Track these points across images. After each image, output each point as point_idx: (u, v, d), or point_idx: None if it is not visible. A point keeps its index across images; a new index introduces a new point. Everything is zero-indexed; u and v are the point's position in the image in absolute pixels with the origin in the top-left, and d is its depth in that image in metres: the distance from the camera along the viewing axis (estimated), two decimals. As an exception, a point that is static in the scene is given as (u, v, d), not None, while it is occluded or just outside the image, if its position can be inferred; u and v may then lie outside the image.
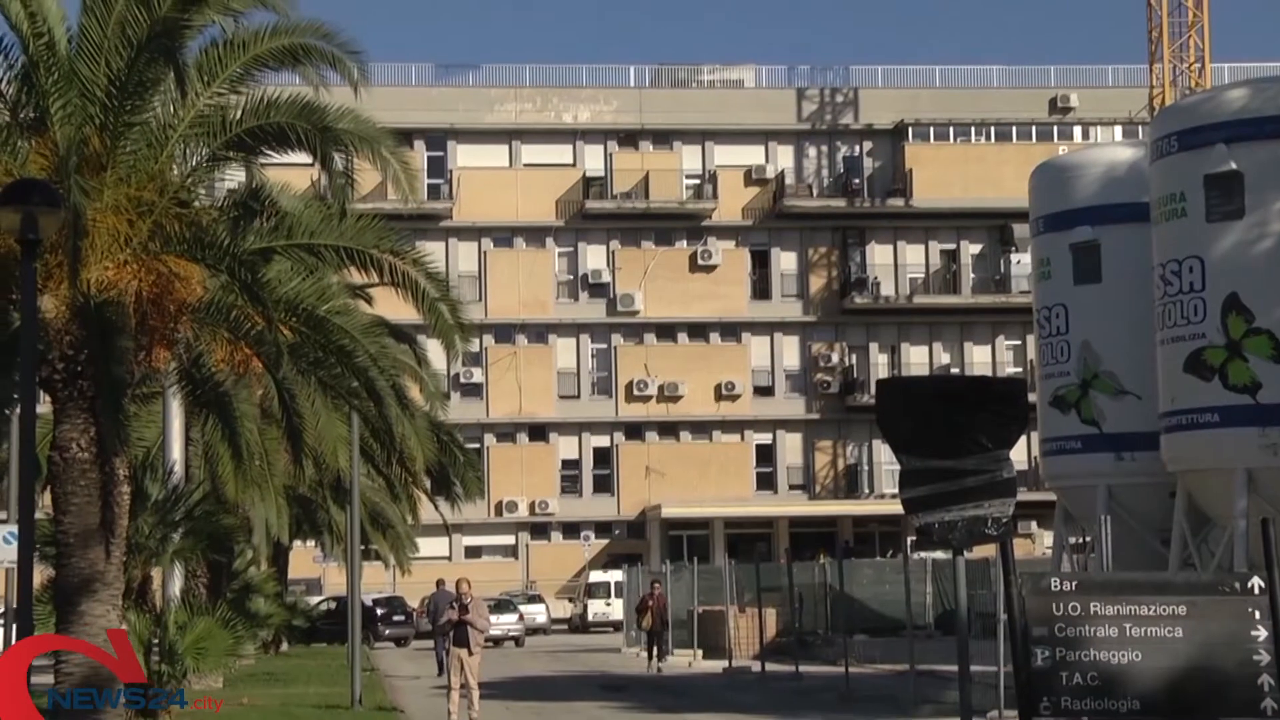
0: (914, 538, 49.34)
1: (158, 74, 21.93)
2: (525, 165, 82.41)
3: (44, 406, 22.27)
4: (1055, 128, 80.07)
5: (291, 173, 29.09)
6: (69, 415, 21.72)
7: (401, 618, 65.21)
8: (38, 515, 20.58)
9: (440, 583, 41.77)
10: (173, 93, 22.44)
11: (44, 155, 21.38)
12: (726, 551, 72.59)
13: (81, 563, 21.86)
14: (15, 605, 18.04)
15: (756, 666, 40.93)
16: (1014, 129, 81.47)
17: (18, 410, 23.31)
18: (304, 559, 64.10)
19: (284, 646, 52.68)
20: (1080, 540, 32.16)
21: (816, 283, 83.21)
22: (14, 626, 18.56)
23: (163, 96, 22.38)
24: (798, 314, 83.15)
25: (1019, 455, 16.39)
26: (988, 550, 15.01)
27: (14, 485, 29.87)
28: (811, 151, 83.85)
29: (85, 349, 21.31)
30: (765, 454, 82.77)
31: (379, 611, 64.16)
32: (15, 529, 23.51)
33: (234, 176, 25.45)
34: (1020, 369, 75.61)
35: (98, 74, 21.64)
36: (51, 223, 17.43)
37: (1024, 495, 15.28)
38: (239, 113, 23.07)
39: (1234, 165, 25.41)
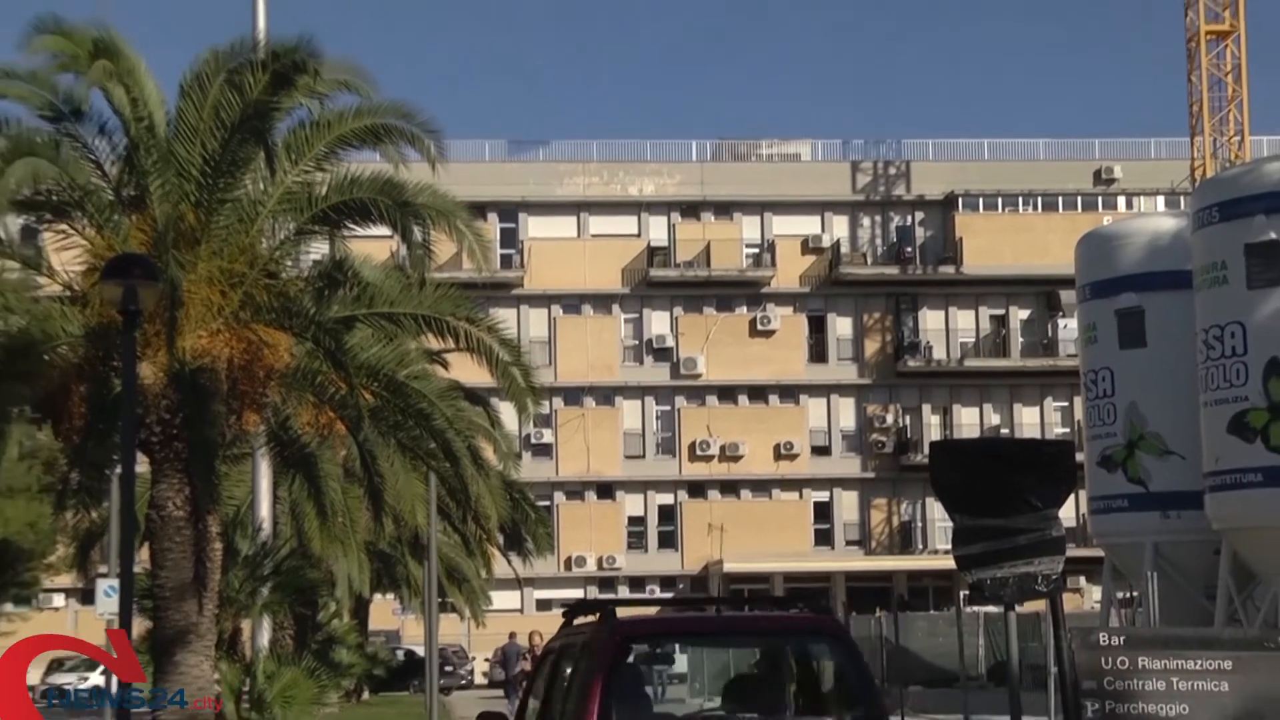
0: (966, 592, 49.13)
1: (249, 153, 22.37)
2: (593, 236, 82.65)
3: (142, 467, 22.58)
4: (1100, 198, 79.84)
5: (373, 244, 29.42)
6: (165, 475, 22.09)
7: (450, 668, 65.20)
8: (136, 570, 20.95)
9: (512, 635, 41.95)
10: (262, 171, 22.84)
11: (143, 230, 21.80)
12: (791, 601, 71.76)
13: (177, 615, 22.22)
14: (116, 655, 18.16)
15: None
16: (1060, 199, 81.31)
17: (118, 471, 23.62)
18: (384, 611, 64.33)
19: (365, 695, 52.94)
20: (1128, 595, 32.14)
21: (871, 347, 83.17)
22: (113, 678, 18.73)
23: (253, 174, 22.76)
24: (853, 377, 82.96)
25: (1068, 513, 16.48)
26: (1038, 605, 15.06)
27: (114, 542, 30.30)
28: (865, 221, 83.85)
29: (180, 413, 21.67)
30: (823, 511, 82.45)
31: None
32: (116, 583, 23.96)
33: (319, 249, 25.77)
34: (1068, 430, 75.17)
35: (193, 154, 22.04)
36: (150, 295, 17.79)
37: (1073, 552, 15.34)
38: (324, 189, 23.38)
39: (1274, 235, 25.46)
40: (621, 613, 11.60)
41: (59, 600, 65.93)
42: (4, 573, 59.57)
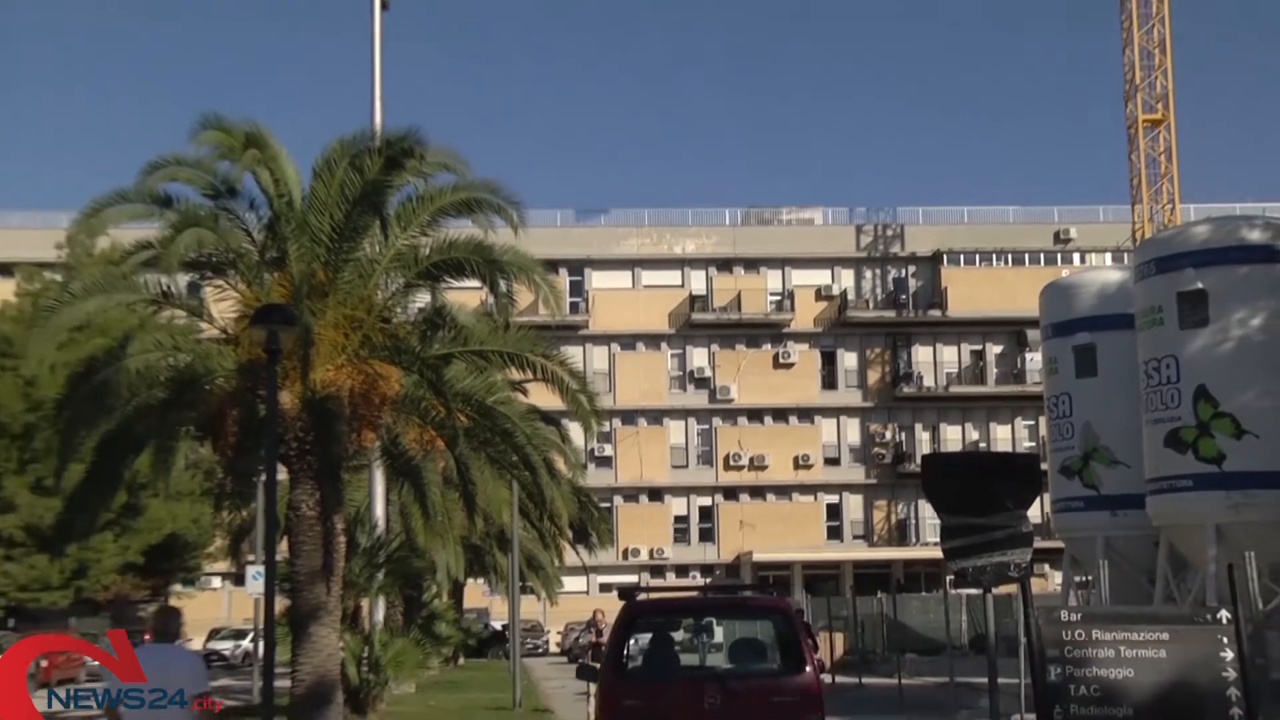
0: (952, 578, 48.97)
1: (367, 222, 22.50)
2: (644, 286, 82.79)
3: (281, 476, 22.66)
4: (1059, 254, 79.70)
5: (466, 294, 29.52)
6: (300, 483, 22.21)
7: (529, 639, 65.22)
8: (277, 559, 20.99)
9: (598, 613, 41.95)
10: (378, 236, 22.97)
11: (283, 285, 21.95)
12: (804, 588, 72.54)
13: (310, 595, 22.32)
14: (262, 628, 18.18)
15: (827, 679, 40.80)
16: (1026, 255, 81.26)
17: (263, 478, 23.73)
18: (475, 593, 64.28)
19: (460, 660, 52.97)
20: (1084, 579, 32.00)
21: (873, 376, 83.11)
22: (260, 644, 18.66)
23: (370, 239, 22.87)
24: (858, 401, 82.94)
25: (1034, 513, 16.49)
26: (1011, 588, 15.13)
27: (260, 535, 30.47)
28: (867, 274, 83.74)
29: (312, 432, 21.76)
30: (833, 511, 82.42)
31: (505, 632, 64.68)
32: (261, 569, 24.03)
33: (423, 298, 25.85)
34: (1034, 444, 75.02)
35: (323, 223, 22.17)
36: (289, 337, 17.92)
37: (1039, 544, 15.33)
38: (427, 250, 23.50)
39: (1200, 285, 25.53)
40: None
41: (216, 582, 66.39)
42: (174, 559, 60.02)
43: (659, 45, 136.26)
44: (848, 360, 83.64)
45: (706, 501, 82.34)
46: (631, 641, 15.82)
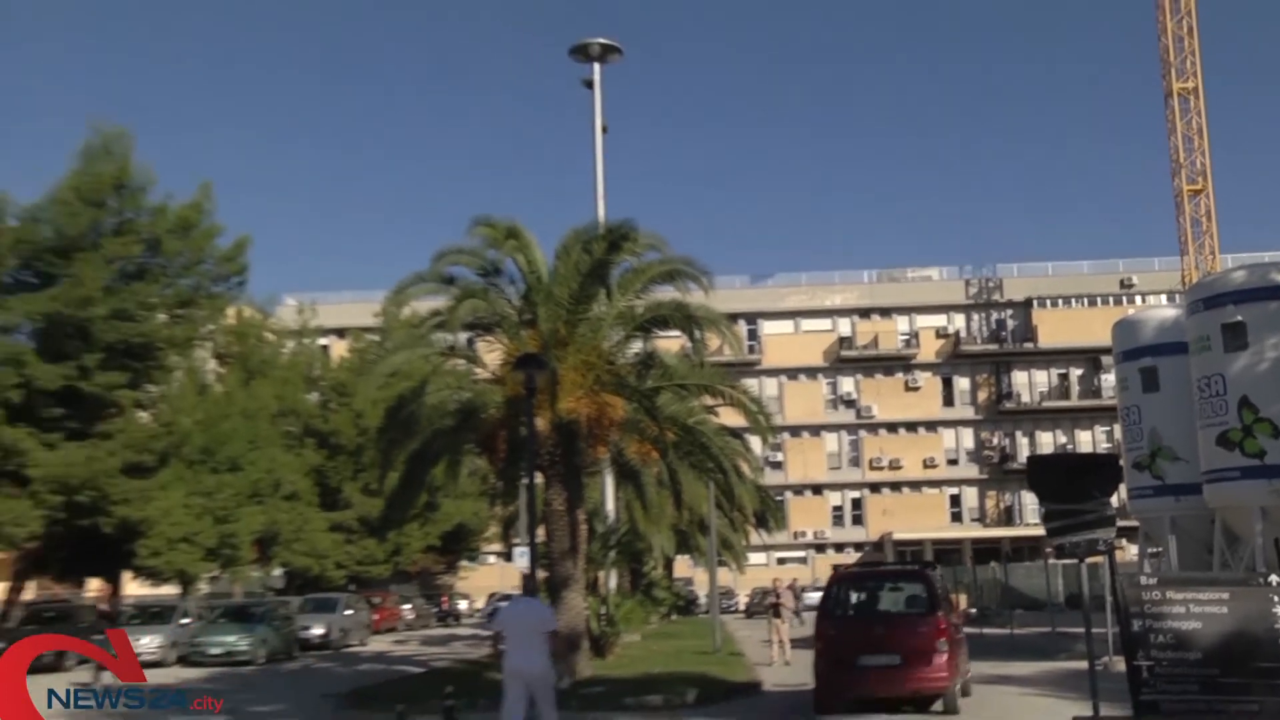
0: (1051, 550, 47.82)
1: (595, 291, 22.66)
2: (803, 331, 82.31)
3: (538, 479, 22.84)
4: (1124, 296, 78.15)
5: (669, 341, 29.53)
6: (552, 485, 22.38)
7: (724, 601, 64.91)
8: (537, 541, 21.13)
9: (776, 580, 41.69)
10: (604, 300, 23.13)
11: (535, 339, 22.19)
12: (935, 558, 71.84)
13: (561, 569, 22.46)
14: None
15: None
16: (1098, 298, 79.91)
17: (524, 482, 23.97)
18: (682, 566, 64.17)
19: (672, 617, 52.95)
20: (1155, 551, 30.96)
21: (981, 396, 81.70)
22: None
23: (598, 303, 23.03)
24: (971, 415, 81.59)
25: (1116, 500, 16.04)
26: (1099, 558, 14.82)
27: (523, 524, 30.76)
28: (975, 316, 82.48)
29: (560, 447, 21.95)
30: (954, 500, 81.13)
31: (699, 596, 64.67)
32: (526, 549, 24.21)
33: (637, 345, 25.91)
34: (1109, 445, 73.22)
35: (563, 293, 22.38)
36: (542, 378, 18.13)
37: (1120, 523, 14.96)
38: (640, 309, 23.58)
39: (1240, 318, 24.62)
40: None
41: (491, 559, 67.18)
42: (461, 542, 60.96)
43: (807, 141, 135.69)
44: (961, 384, 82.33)
45: (856, 494, 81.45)
46: (837, 595, 18.49)
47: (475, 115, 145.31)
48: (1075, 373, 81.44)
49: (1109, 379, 68.42)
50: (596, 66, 31.35)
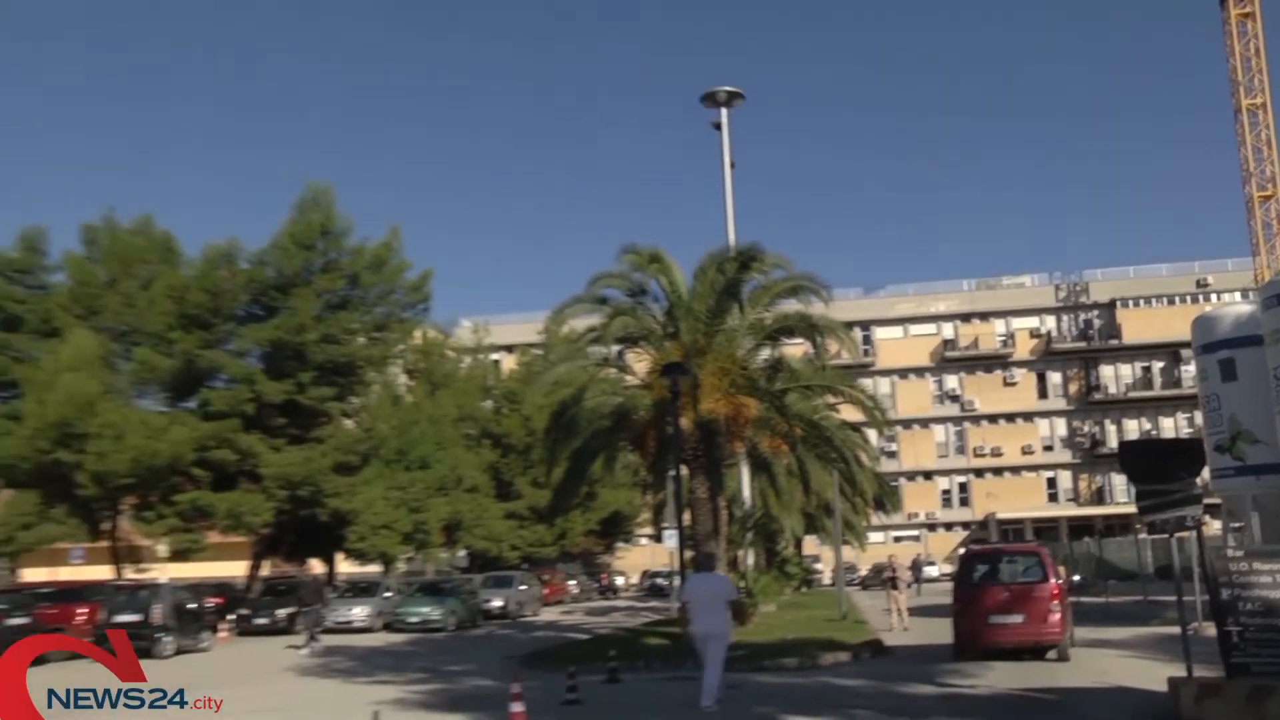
0: (1138, 525, 46.42)
1: (729, 305, 22.62)
2: (912, 335, 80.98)
3: (683, 471, 22.84)
4: (1200, 295, 75.51)
5: (794, 348, 29.26)
6: (695, 476, 22.33)
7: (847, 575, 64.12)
8: (683, 525, 21.14)
9: (891, 557, 41.03)
10: (736, 314, 23.06)
11: (677, 349, 22.20)
12: (1034, 535, 70.32)
13: (706, 549, 22.37)
14: (679, 570, 18.14)
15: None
16: (1176, 297, 77.36)
17: (671, 473, 23.98)
18: (810, 545, 63.34)
19: (802, 590, 52.35)
20: (1238, 526, 29.71)
21: (1072, 388, 79.44)
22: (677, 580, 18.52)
23: (731, 316, 22.97)
24: (1063, 406, 79.41)
25: (1200, 480, 15.40)
26: (1187, 534, 14.37)
27: (670, 510, 30.75)
28: (1065, 318, 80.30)
29: (702, 443, 21.91)
30: (1051, 482, 78.88)
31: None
32: (673, 532, 24.21)
33: (766, 352, 25.74)
34: (1190, 430, 70.68)
35: (701, 308, 22.38)
36: (685, 382, 18.15)
37: (1205, 501, 14.39)
38: (769, 321, 23.47)
39: (1311, 313, 23.65)
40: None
41: (644, 541, 67.26)
42: (617, 527, 61.21)
43: (910, 164, 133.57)
44: (1054, 378, 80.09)
45: (962, 479, 79.68)
46: (970, 567, 20.00)
47: (620, 155, 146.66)
48: (1157, 365, 78.72)
49: (1189, 370, 66.54)
50: (724, 111, 31.28)
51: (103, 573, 41.56)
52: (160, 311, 39.09)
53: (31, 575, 48.90)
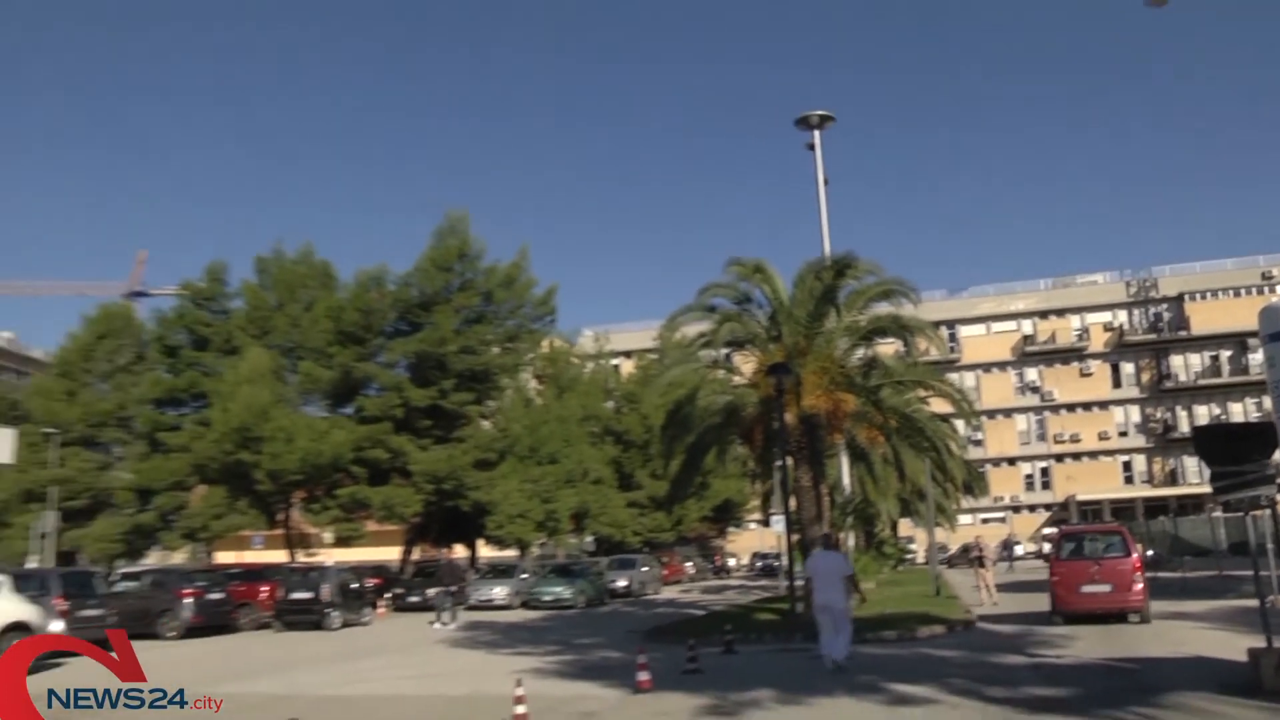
0: (1211, 505, 44.61)
1: (826, 309, 22.28)
2: (994, 332, 79.29)
3: (788, 462, 22.56)
4: (1265, 287, 72.49)
5: (886, 346, 28.70)
6: (800, 465, 22.06)
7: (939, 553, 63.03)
8: (789, 511, 20.89)
9: (978, 537, 39.99)
10: (833, 317, 22.71)
11: (780, 351, 21.94)
12: (1112, 516, 67.96)
13: (810, 532, 22.02)
14: (785, 553, 17.97)
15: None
16: (1242, 290, 74.27)
17: (777, 464, 23.74)
18: (905, 527, 62.14)
19: (898, 569, 51.35)
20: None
21: (1145, 377, 76.77)
22: (784, 561, 18.36)
23: (829, 320, 22.64)
24: (1136, 394, 76.79)
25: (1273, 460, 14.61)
26: (1261, 512, 13.73)
27: (777, 498, 30.34)
28: (1136, 312, 77.79)
29: (804, 436, 21.65)
30: (1126, 465, 76.37)
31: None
32: (780, 517, 23.91)
33: (860, 351, 25.29)
34: (1259, 415, 67.81)
35: (801, 313, 22.11)
36: (788, 381, 17.96)
37: (1278, 481, 13.70)
38: (863, 323, 23.08)
39: (1376, 302, 22.47)
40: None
41: (753, 526, 66.78)
42: (728, 513, 60.87)
43: (991, 169, 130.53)
44: (1127, 368, 77.53)
45: (1043, 464, 77.64)
46: (1064, 544, 20.98)
47: (720, 174, 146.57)
48: (1225, 354, 75.63)
49: (1256, 358, 64.99)
50: (816, 133, 30.88)
51: (279, 556, 42.86)
52: (321, 330, 40.24)
53: (222, 558, 50.64)
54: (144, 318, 49.38)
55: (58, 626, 19.90)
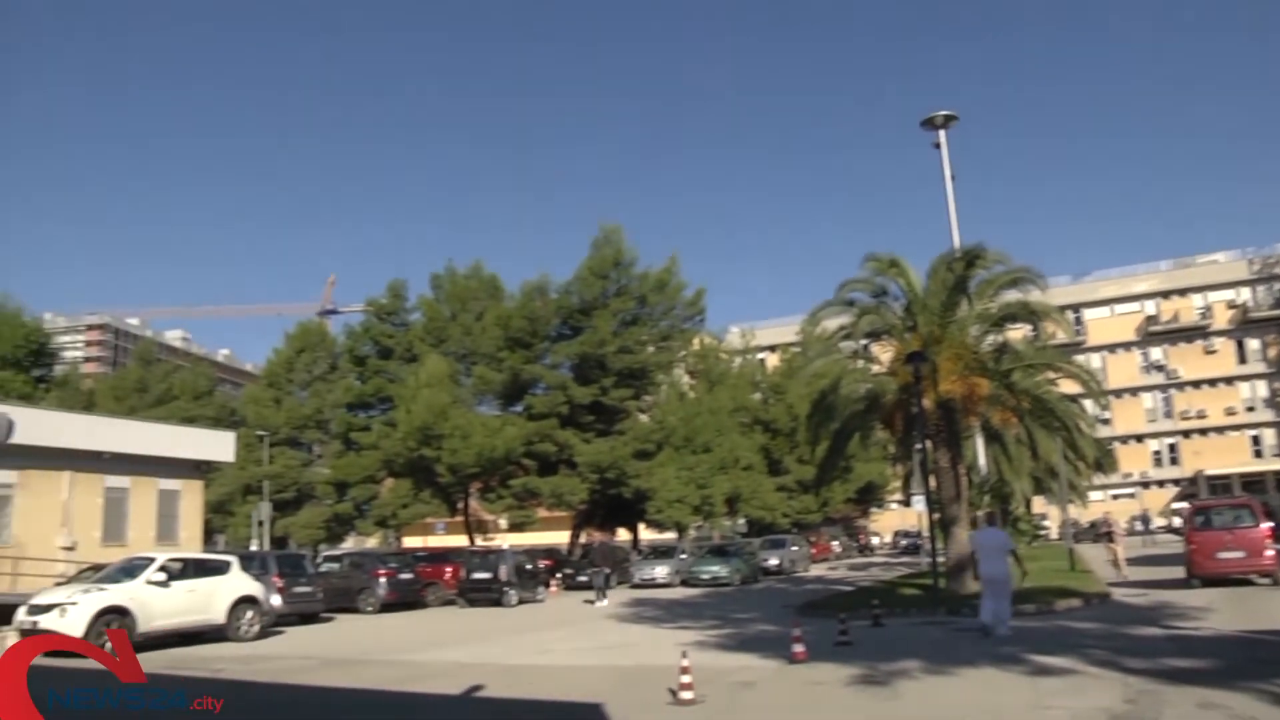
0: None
1: (958, 299, 21.63)
2: (1118, 314, 75.86)
3: (927, 445, 22.06)
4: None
5: (1014, 331, 27.65)
6: (938, 448, 21.41)
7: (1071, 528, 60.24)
8: (930, 491, 20.46)
9: (1107, 513, 38.14)
10: (965, 306, 22.07)
11: (916, 340, 21.34)
12: (1242, 489, 63.99)
13: (949, 511, 21.41)
14: (927, 535, 17.62)
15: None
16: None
17: (917, 446, 23.24)
18: (1038, 504, 59.57)
19: (1033, 544, 49.35)
20: None
21: (1270, 353, 72.07)
22: (927, 539, 17.99)
23: (961, 308, 22.01)
24: (1262, 369, 72.21)
25: None
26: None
27: (917, 479, 29.68)
28: (1259, 289, 73.08)
29: (942, 420, 21.10)
30: (1255, 440, 71.95)
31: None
32: (921, 497, 23.40)
33: (992, 337, 24.47)
34: None
35: (934, 303, 21.54)
36: (924, 368, 17.60)
37: None
38: (994, 309, 22.33)
39: None
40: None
41: (894, 506, 65.47)
42: (871, 494, 59.82)
43: (1111, 156, 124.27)
44: (1252, 345, 72.87)
45: (1171, 441, 73.81)
46: (1198, 515, 21.53)
47: (853, 172, 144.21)
48: (1350, 328, 70.25)
49: None
50: (941, 133, 30.07)
51: (460, 540, 44.37)
52: (491, 337, 41.51)
53: (409, 543, 52.78)
54: (335, 332, 52.32)
55: (277, 601, 21.19)
